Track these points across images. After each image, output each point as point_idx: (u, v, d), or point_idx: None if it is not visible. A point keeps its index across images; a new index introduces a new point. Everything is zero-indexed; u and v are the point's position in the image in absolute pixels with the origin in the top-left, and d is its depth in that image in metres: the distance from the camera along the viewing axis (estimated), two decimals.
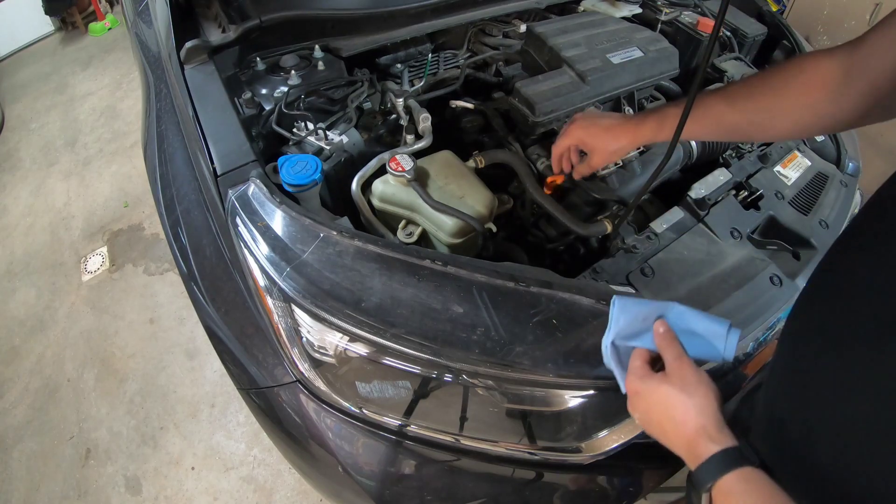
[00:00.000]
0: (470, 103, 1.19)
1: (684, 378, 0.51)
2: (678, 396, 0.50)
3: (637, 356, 0.56)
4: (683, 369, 0.51)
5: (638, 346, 0.57)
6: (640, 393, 0.53)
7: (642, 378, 0.54)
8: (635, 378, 0.54)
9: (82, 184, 2.67)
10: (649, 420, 0.53)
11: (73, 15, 4.10)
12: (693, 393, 0.49)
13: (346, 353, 0.72)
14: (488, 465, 0.78)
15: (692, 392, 0.49)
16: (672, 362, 0.52)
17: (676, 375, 0.51)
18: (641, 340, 0.57)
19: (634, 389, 0.54)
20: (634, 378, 0.54)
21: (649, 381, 0.53)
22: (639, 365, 0.55)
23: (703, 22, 1.29)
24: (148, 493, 1.52)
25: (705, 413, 0.48)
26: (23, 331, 2.01)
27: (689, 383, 0.50)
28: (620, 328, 0.57)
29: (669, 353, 0.53)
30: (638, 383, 0.54)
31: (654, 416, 0.52)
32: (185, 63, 1.02)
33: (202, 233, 0.90)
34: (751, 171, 1.05)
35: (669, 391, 0.50)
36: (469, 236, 0.89)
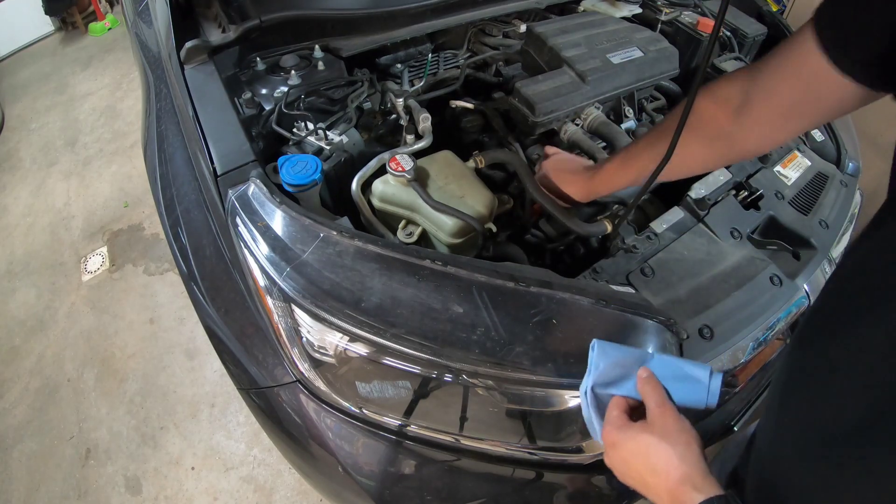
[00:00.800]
0: (470, 103, 1.19)
1: (666, 426, 0.49)
2: (660, 445, 0.48)
3: (615, 405, 0.53)
4: (665, 416, 0.49)
5: (617, 393, 0.54)
6: (617, 444, 0.51)
7: (620, 428, 0.51)
8: (613, 429, 0.51)
9: (82, 184, 2.67)
10: (628, 471, 0.51)
11: (73, 15, 4.10)
12: (676, 441, 0.47)
13: (346, 353, 0.72)
14: (488, 465, 0.78)
15: (675, 441, 0.47)
16: (654, 409, 0.50)
17: (658, 423, 0.49)
18: (620, 388, 0.54)
19: (612, 441, 0.51)
20: (612, 429, 0.52)
21: (628, 431, 0.50)
22: (616, 414, 0.52)
23: (703, 22, 1.29)
24: (148, 493, 1.52)
25: (688, 461, 0.46)
26: (23, 331, 2.01)
27: (671, 431, 0.48)
28: (600, 373, 0.55)
29: (652, 399, 0.51)
30: (616, 434, 0.51)
31: (633, 466, 0.50)
32: (185, 63, 1.02)
33: (202, 233, 0.90)
34: (751, 170, 1.05)
35: (650, 440, 0.48)
36: (469, 236, 0.89)
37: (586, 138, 1.01)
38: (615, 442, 0.51)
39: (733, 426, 0.99)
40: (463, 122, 1.20)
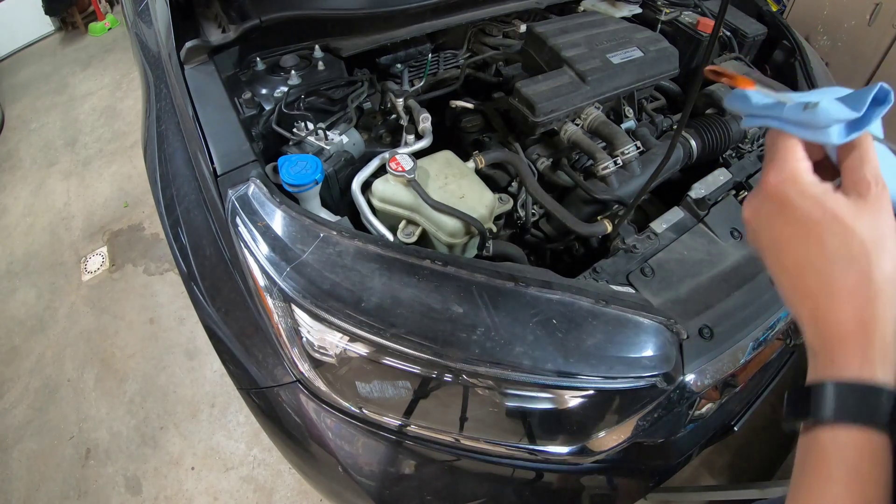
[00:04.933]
0: (470, 103, 1.19)
1: (883, 211, 0.33)
2: (873, 228, 0.32)
3: (794, 148, 0.37)
4: (884, 198, 0.34)
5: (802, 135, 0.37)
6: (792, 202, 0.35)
7: (807, 183, 0.35)
8: (790, 179, 0.36)
9: (82, 184, 2.67)
10: (786, 243, 0.36)
11: (73, 15, 4.10)
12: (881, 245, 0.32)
13: (346, 353, 0.72)
14: (488, 465, 0.78)
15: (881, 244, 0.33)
16: (870, 179, 0.34)
17: (874, 201, 0.33)
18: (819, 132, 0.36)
19: (784, 194, 0.36)
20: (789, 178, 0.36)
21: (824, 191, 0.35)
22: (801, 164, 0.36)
23: (703, 22, 1.29)
24: (148, 493, 1.52)
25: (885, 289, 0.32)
26: (23, 331, 2.01)
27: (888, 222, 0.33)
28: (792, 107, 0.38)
29: (869, 167, 0.34)
30: (795, 187, 0.35)
31: (802, 243, 0.34)
32: (185, 63, 1.02)
33: (202, 233, 0.90)
34: (751, 170, 1.05)
35: (860, 216, 0.33)
36: (469, 236, 0.89)
37: (586, 138, 1.01)
38: (794, 196, 0.35)
39: (733, 426, 0.99)
40: (463, 122, 1.20)
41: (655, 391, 0.72)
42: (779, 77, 1.29)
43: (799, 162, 0.37)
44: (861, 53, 1.81)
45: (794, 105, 0.37)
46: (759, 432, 1.53)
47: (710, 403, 0.89)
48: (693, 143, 1.09)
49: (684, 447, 0.91)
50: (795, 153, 0.37)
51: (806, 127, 0.37)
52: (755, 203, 0.39)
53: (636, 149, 0.99)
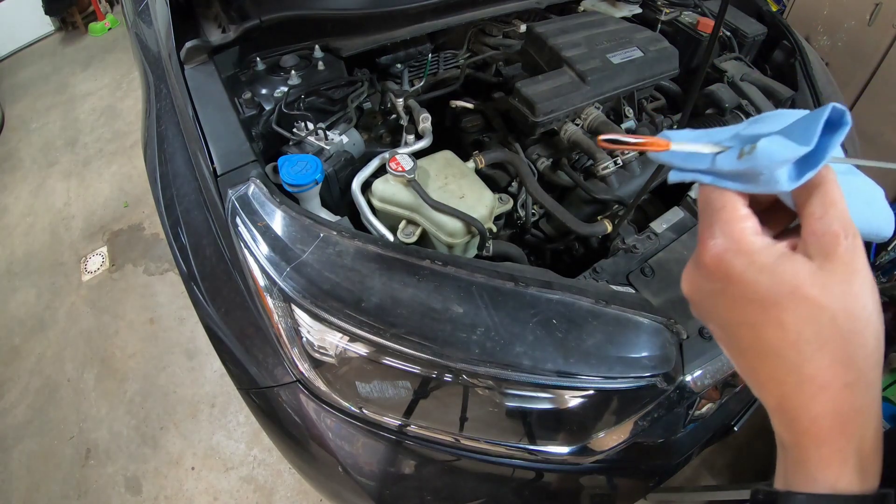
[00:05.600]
0: (470, 103, 1.19)
1: (851, 272, 0.26)
2: (848, 304, 0.26)
3: (733, 206, 0.29)
4: (856, 255, 0.26)
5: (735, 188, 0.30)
6: (735, 276, 0.28)
7: (752, 250, 0.28)
8: (732, 247, 0.28)
9: (82, 184, 2.67)
10: (738, 328, 0.29)
11: (73, 15, 4.10)
12: (859, 312, 0.26)
13: (346, 353, 0.72)
14: (488, 465, 0.78)
15: (859, 309, 0.26)
16: (837, 232, 0.26)
17: (842, 262, 0.26)
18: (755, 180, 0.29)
19: (725, 267, 0.29)
20: (730, 246, 0.29)
21: (778, 258, 0.27)
22: (742, 226, 0.29)
23: (703, 22, 1.29)
24: (148, 493, 1.52)
25: (863, 363, 0.26)
26: (23, 331, 2.01)
27: (858, 288, 0.26)
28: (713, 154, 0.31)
29: (837, 214, 0.27)
30: (738, 258, 0.28)
31: (758, 327, 0.28)
32: (185, 63, 1.02)
33: (202, 233, 0.90)
34: None
35: (813, 289, 0.26)
36: (469, 236, 0.89)
37: (586, 138, 1.01)
38: (738, 272, 0.28)
39: (733, 426, 0.99)
40: (463, 122, 1.20)
41: (655, 391, 0.72)
42: (779, 77, 1.29)
43: (742, 223, 0.29)
44: (861, 53, 1.81)
45: (727, 154, 0.30)
46: (759, 432, 1.53)
47: (710, 403, 0.89)
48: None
49: (684, 447, 0.91)
50: (736, 212, 0.29)
51: (746, 178, 0.29)
52: (694, 278, 0.31)
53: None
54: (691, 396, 0.78)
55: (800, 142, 0.27)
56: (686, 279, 0.32)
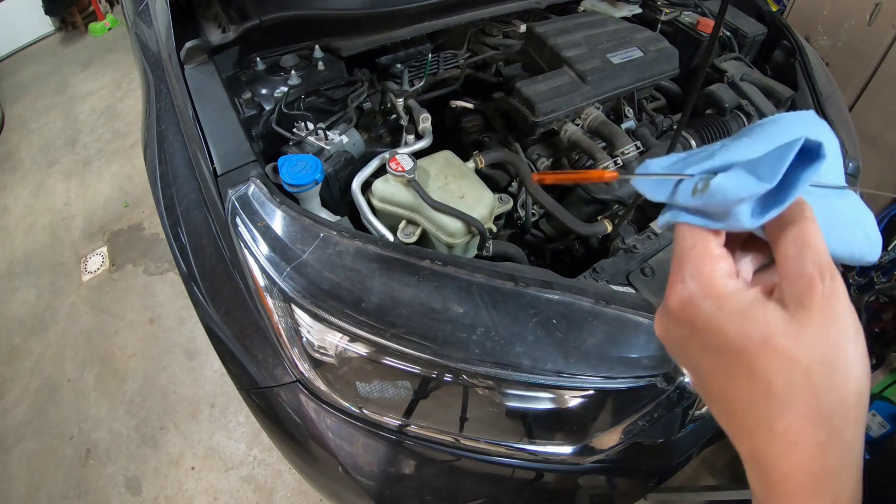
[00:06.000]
0: (470, 103, 1.19)
1: (830, 320, 0.24)
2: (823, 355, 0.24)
3: (705, 247, 0.28)
4: (834, 300, 0.24)
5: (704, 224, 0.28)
6: (701, 325, 0.27)
7: (723, 295, 0.26)
8: (703, 292, 0.27)
9: (82, 184, 2.67)
10: (707, 375, 0.28)
11: (73, 15, 4.10)
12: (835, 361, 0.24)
13: (346, 353, 0.72)
14: (488, 465, 0.78)
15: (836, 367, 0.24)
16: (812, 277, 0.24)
17: (818, 309, 0.24)
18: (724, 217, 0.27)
19: (693, 313, 0.27)
20: (700, 291, 0.27)
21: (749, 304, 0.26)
22: (713, 269, 0.27)
23: (703, 22, 1.29)
24: (148, 493, 1.52)
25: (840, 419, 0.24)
26: (23, 331, 2.01)
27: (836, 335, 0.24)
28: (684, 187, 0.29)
29: (813, 254, 0.25)
30: (709, 303, 0.26)
31: (727, 376, 0.26)
32: (185, 63, 1.02)
33: (202, 233, 0.90)
34: None
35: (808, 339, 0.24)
36: (469, 236, 0.89)
37: (586, 138, 1.01)
38: (703, 321, 0.26)
39: None
40: (463, 122, 1.20)
41: (655, 391, 0.72)
42: (779, 77, 1.29)
43: (712, 264, 0.27)
44: (861, 53, 1.81)
45: (683, 187, 0.28)
46: None
47: None
48: (693, 143, 1.09)
49: (684, 447, 0.91)
50: (706, 251, 0.27)
51: (708, 214, 0.27)
52: (663, 322, 0.30)
53: (636, 149, 0.99)
54: (691, 396, 0.78)
55: (763, 177, 0.25)
56: (657, 321, 0.31)
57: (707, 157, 0.28)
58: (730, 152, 0.28)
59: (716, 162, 0.28)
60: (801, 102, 1.24)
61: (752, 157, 0.26)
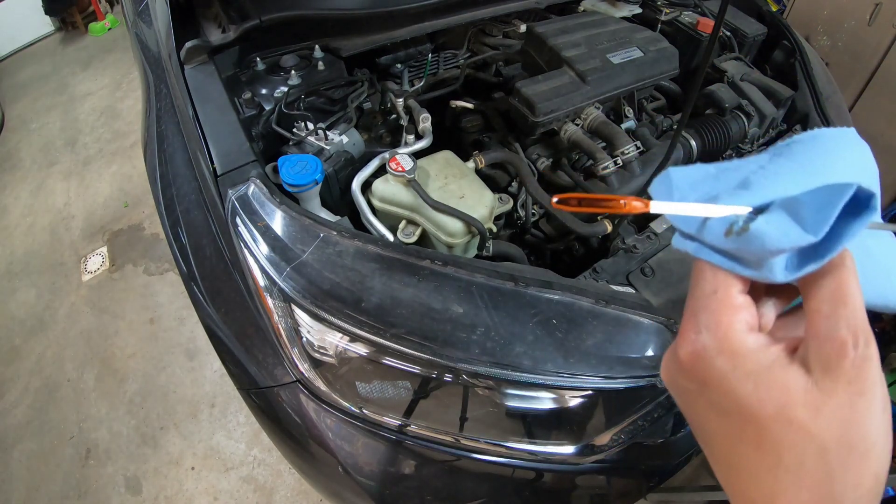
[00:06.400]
0: (470, 103, 1.19)
1: (858, 392, 0.22)
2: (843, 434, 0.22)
3: (727, 295, 0.25)
4: (865, 370, 0.22)
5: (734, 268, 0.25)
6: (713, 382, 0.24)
7: (741, 353, 0.23)
8: (719, 347, 0.24)
9: (82, 184, 2.67)
10: (713, 436, 0.26)
11: (73, 15, 4.10)
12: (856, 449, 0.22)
13: (346, 353, 0.72)
14: (488, 465, 0.78)
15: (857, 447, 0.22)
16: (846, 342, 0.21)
17: (845, 379, 0.21)
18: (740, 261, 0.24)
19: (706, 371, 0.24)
20: (716, 346, 0.24)
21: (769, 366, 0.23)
22: (733, 318, 0.24)
23: (703, 22, 1.29)
24: (148, 493, 1.52)
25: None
26: (23, 331, 2.01)
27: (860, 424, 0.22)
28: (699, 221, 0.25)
29: (848, 317, 0.22)
30: (727, 360, 0.24)
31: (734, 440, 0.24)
32: (185, 63, 1.02)
33: (202, 233, 0.90)
34: None
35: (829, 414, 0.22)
36: (469, 236, 0.89)
37: (586, 138, 1.01)
38: (714, 380, 0.24)
39: None
40: (463, 122, 1.20)
41: (655, 391, 0.72)
42: (779, 77, 1.30)
43: (732, 315, 0.24)
44: (861, 53, 1.81)
45: (714, 223, 0.24)
46: None
47: None
48: (693, 143, 1.09)
49: (684, 447, 0.91)
50: (728, 300, 0.24)
51: (733, 256, 0.24)
52: (671, 370, 0.27)
53: (636, 149, 0.99)
54: None
55: (806, 226, 0.21)
56: (664, 366, 0.28)
57: (742, 184, 0.25)
58: (768, 181, 0.24)
59: (754, 194, 0.24)
60: (801, 102, 1.24)
61: (795, 191, 0.23)
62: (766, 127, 1.19)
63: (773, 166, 0.25)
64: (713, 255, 0.25)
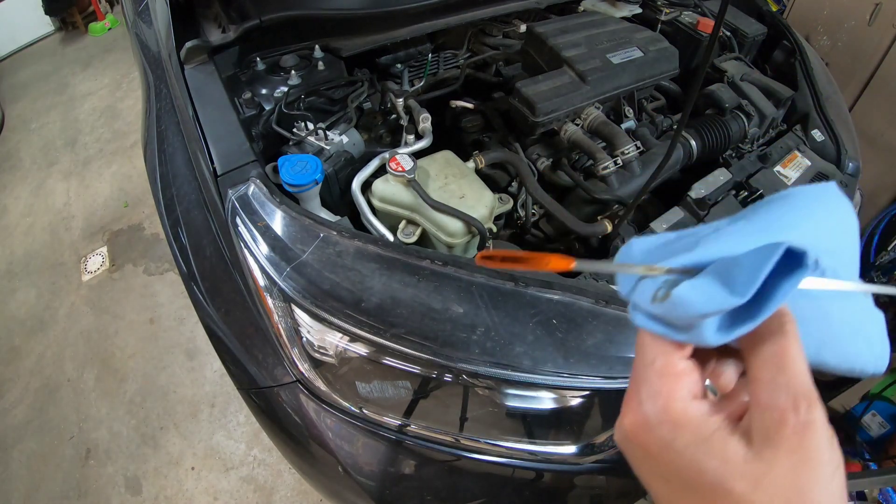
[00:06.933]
0: (470, 103, 1.19)
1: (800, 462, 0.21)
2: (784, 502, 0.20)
3: (668, 363, 0.25)
4: (807, 437, 0.21)
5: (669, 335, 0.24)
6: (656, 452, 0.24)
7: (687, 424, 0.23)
8: (659, 418, 0.24)
9: (82, 184, 2.67)
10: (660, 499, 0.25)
11: (73, 15, 4.10)
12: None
13: (346, 353, 0.72)
14: (488, 465, 0.78)
15: None
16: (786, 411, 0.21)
17: (785, 448, 0.21)
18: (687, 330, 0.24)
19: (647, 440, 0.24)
20: (656, 417, 0.24)
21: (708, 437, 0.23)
22: (674, 386, 0.24)
23: (703, 22, 1.29)
24: (148, 493, 1.52)
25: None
26: (23, 331, 2.01)
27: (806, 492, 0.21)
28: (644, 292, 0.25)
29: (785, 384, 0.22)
30: (666, 430, 0.23)
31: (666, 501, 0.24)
32: (185, 63, 1.02)
33: (202, 233, 0.90)
34: (751, 171, 1.05)
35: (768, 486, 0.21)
36: (469, 236, 0.89)
37: (586, 138, 1.01)
38: (656, 450, 0.24)
39: None
40: (463, 122, 1.20)
41: None
42: (779, 77, 1.30)
43: (673, 383, 0.24)
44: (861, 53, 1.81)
45: (645, 287, 0.24)
46: None
47: None
48: (693, 143, 1.09)
49: None
50: (669, 367, 0.24)
51: (666, 322, 0.24)
52: (619, 437, 0.26)
53: (636, 149, 0.99)
54: None
55: (735, 288, 0.21)
56: (615, 431, 0.27)
57: (691, 245, 0.24)
58: (717, 243, 0.24)
59: (695, 256, 0.23)
60: (801, 102, 1.24)
61: (739, 251, 0.22)
62: (766, 127, 1.19)
63: (728, 228, 0.25)
64: (650, 323, 0.24)
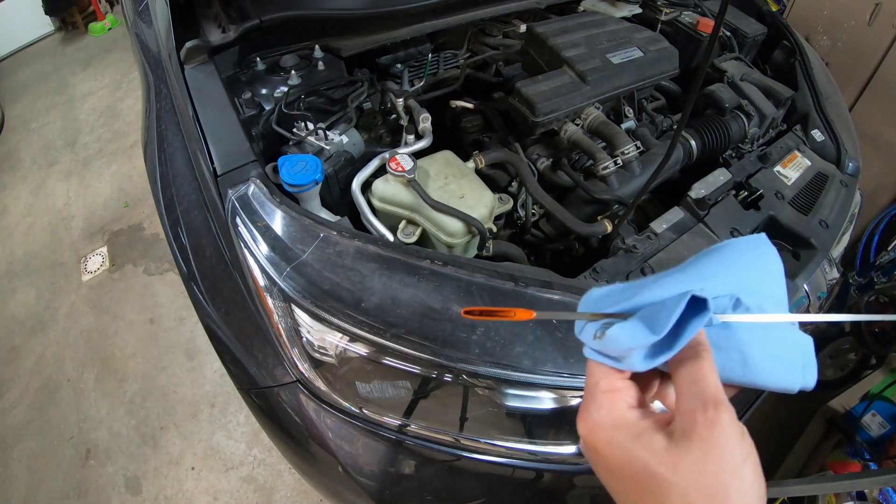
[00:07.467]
0: (470, 103, 1.19)
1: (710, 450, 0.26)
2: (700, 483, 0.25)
3: (611, 377, 0.31)
4: (714, 431, 0.26)
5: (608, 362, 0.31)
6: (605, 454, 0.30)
7: (618, 425, 0.29)
8: (598, 423, 0.30)
9: (82, 184, 2.67)
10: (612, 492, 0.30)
11: (73, 15, 4.10)
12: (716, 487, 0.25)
13: (346, 353, 0.72)
14: (488, 465, 0.78)
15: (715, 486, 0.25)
16: (696, 409, 0.27)
17: (698, 440, 0.26)
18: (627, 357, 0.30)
19: (595, 442, 0.30)
20: (597, 423, 0.30)
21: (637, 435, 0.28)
22: (614, 399, 0.30)
23: (703, 22, 1.29)
24: (148, 493, 1.52)
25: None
26: (23, 331, 2.01)
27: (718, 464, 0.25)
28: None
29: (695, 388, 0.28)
30: (605, 433, 0.30)
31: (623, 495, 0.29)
32: (185, 63, 1.02)
33: (202, 233, 0.90)
34: (751, 170, 1.05)
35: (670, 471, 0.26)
36: (469, 236, 0.89)
37: (586, 138, 1.01)
38: (602, 447, 0.30)
39: None
40: (463, 122, 1.20)
41: None
42: (779, 77, 1.29)
43: (612, 398, 0.30)
44: (861, 53, 1.81)
45: (589, 328, 0.31)
46: (760, 432, 1.53)
47: None
48: (693, 143, 1.09)
49: None
50: (610, 385, 0.31)
51: (606, 355, 0.31)
52: (580, 443, 0.33)
53: (636, 149, 0.99)
54: None
55: (654, 328, 0.28)
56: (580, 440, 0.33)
57: (634, 294, 0.31)
58: (651, 292, 0.30)
59: (632, 302, 0.30)
60: (801, 102, 1.24)
61: (667, 297, 0.29)
62: (766, 127, 1.19)
63: (665, 280, 0.31)
64: (595, 355, 0.32)
